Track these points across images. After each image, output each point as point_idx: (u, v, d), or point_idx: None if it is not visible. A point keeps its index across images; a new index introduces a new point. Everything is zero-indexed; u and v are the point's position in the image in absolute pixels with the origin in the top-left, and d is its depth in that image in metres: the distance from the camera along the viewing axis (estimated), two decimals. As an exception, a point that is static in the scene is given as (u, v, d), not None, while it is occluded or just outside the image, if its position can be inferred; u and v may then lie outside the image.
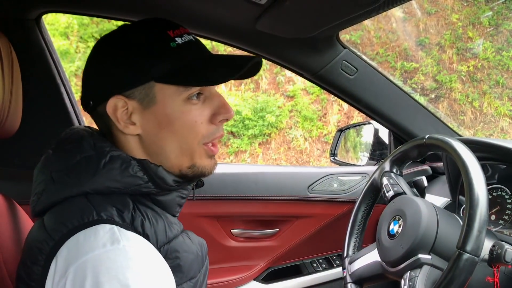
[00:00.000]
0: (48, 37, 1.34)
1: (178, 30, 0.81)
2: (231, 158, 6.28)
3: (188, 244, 0.84)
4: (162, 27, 0.81)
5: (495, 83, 6.61)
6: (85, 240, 0.68)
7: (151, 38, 0.80)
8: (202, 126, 0.81)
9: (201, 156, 0.83)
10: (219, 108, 0.83)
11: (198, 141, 0.82)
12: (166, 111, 0.79)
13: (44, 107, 1.36)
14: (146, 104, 0.79)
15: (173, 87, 0.78)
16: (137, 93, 0.79)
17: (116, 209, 0.74)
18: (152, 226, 0.77)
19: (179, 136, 0.80)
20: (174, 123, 0.79)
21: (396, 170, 1.18)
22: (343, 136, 2.01)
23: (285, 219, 1.60)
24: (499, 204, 1.18)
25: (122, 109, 0.79)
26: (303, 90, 6.74)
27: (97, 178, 0.76)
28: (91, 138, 0.81)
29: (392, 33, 7.04)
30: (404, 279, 0.93)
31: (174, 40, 0.79)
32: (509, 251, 0.87)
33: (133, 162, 0.79)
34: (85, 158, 0.77)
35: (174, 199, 0.86)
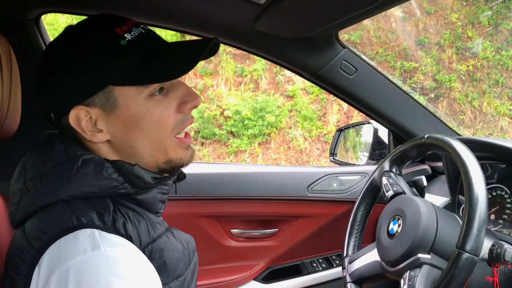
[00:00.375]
0: (47, 37, 1.34)
1: (126, 25, 0.77)
2: (231, 158, 6.28)
3: (172, 242, 0.83)
4: (108, 25, 0.76)
5: (495, 82, 6.61)
6: (66, 247, 0.66)
7: (99, 40, 0.75)
8: (170, 119, 0.79)
9: (175, 149, 0.82)
10: (185, 97, 0.81)
11: (169, 135, 0.80)
12: (131, 112, 0.76)
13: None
14: (108, 109, 0.76)
15: (133, 88, 0.75)
16: (97, 100, 0.76)
17: (97, 213, 0.73)
18: (135, 227, 0.76)
19: (149, 134, 0.78)
20: (141, 123, 0.77)
21: (395, 169, 1.18)
22: (342, 136, 2.01)
23: (285, 219, 1.60)
24: (498, 204, 1.18)
25: (85, 119, 0.76)
26: (303, 90, 6.74)
27: (72, 184, 0.74)
28: (62, 143, 0.79)
29: (392, 32, 7.04)
30: (403, 278, 0.93)
31: (124, 37, 0.75)
32: (508, 250, 0.87)
33: (106, 164, 0.76)
34: (58, 164, 0.75)
35: (155, 196, 0.84)
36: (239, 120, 6.41)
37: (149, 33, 0.80)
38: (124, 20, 0.78)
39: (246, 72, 6.81)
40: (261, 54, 1.38)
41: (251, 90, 6.76)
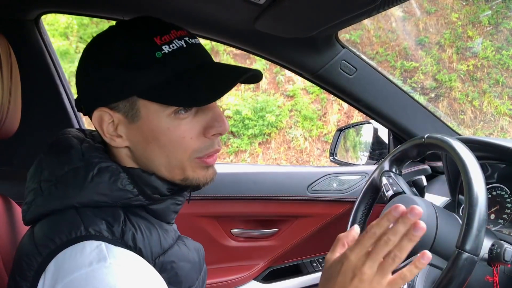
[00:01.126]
0: (47, 37, 1.34)
1: (168, 35, 0.74)
2: (231, 158, 6.28)
3: (184, 252, 0.82)
4: (149, 33, 0.73)
5: (495, 82, 6.61)
6: (72, 258, 0.65)
7: (134, 47, 0.73)
8: (192, 141, 0.76)
9: (194, 169, 0.78)
10: (212, 121, 0.76)
11: (188, 156, 0.76)
12: (151, 127, 0.74)
13: (43, 108, 1.36)
14: (131, 118, 0.75)
15: (157, 104, 0.73)
16: (122, 106, 0.74)
17: (106, 223, 0.71)
18: (145, 238, 0.74)
19: (167, 152, 0.76)
20: (160, 139, 0.75)
21: (395, 169, 1.18)
22: (342, 136, 2.01)
23: (285, 219, 1.60)
24: (498, 203, 1.18)
25: (108, 122, 0.75)
26: (303, 90, 6.74)
27: (85, 192, 0.72)
28: (80, 146, 0.78)
29: (392, 32, 7.04)
30: (403, 278, 0.93)
31: (161, 49, 0.72)
32: (508, 250, 0.87)
33: (122, 175, 0.75)
34: (73, 169, 0.74)
35: (169, 207, 0.82)
36: (239, 120, 6.41)
37: (191, 48, 0.76)
38: (168, 30, 0.75)
39: (246, 72, 6.80)
40: (261, 54, 1.38)
41: (251, 90, 6.76)
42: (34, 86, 1.31)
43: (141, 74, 0.72)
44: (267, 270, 1.62)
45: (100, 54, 0.75)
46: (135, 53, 0.72)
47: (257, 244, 1.60)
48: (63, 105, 1.37)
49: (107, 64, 0.73)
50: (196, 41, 0.78)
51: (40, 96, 1.35)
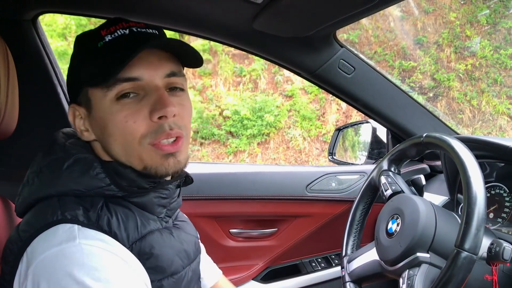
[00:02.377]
0: (44, 37, 1.33)
1: (115, 26, 0.77)
2: (230, 158, 6.28)
3: (166, 239, 0.82)
4: (99, 28, 0.78)
5: (493, 81, 6.62)
6: (45, 239, 0.68)
7: (84, 42, 0.80)
8: (135, 125, 0.75)
9: (152, 157, 0.77)
10: (155, 104, 0.76)
11: (138, 142, 0.76)
12: (100, 114, 0.77)
13: (41, 108, 1.36)
14: (88, 109, 0.79)
15: (99, 90, 0.76)
16: (82, 100, 0.80)
17: (83, 208, 0.73)
18: (121, 223, 0.75)
19: (117, 138, 0.77)
20: (108, 126, 0.76)
21: (394, 168, 1.18)
22: (341, 135, 2.01)
23: (284, 219, 1.60)
24: (497, 202, 1.18)
25: (77, 117, 0.81)
26: (302, 90, 6.75)
27: (61, 180, 0.75)
28: (65, 141, 0.82)
29: (390, 32, 7.05)
30: (402, 277, 0.93)
31: (103, 39, 0.76)
32: (507, 249, 0.87)
33: (95, 164, 0.77)
34: (53, 160, 0.78)
35: (152, 200, 0.82)
36: (238, 120, 6.41)
37: (135, 35, 0.77)
38: (117, 22, 0.78)
39: (245, 72, 6.81)
40: (259, 53, 1.38)
41: (250, 90, 6.76)
42: (31, 86, 1.31)
43: (86, 64, 0.78)
44: (266, 270, 1.61)
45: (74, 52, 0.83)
46: (84, 46, 0.80)
47: (256, 244, 1.60)
48: (60, 105, 1.37)
49: (72, 63, 0.82)
50: (149, 31, 0.79)
51: (37, 96, 1.34)
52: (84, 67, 0.78)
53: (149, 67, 0.76)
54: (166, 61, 0.79)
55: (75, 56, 0.82)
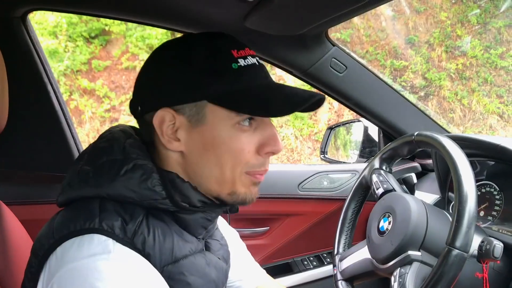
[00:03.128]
0: (34, 35, 1.32)
1: (243, 50, 0.77)
2: (222, 157, 6.27)
3: (199, 266, 0.79)
4: (227, 45, 0.77)
5: (484, 80, 6.67)
6: (78, 247, 0.67)
7: (213, 55, 0.75)
8: (248, 155, 0.77)
9: (244, 184, 0.79)
10: (268, 139, 0.78)
11: (241, 169, 0.77)
12: (214, 133, 0.75)
13: (31, 107, 1.34)
14: (194, 122, 0.75)
15: (225, 111, 0.74)
16: (188, 110, 0.75)
17: (122, 220, 0.71)
18: (156, 243, 0.73)
19: (222, 161, 0.76)
20: (220, 147, 0.75)
21: (385, 167, 1.18)
22: (333, 134, 2.01)
23: (276, 217, 1.60)
24: (487, 200, 1.19)
25: (169, 123, 0.76)
26: (294, 89, 6.74)
27: (115, 184, 0.73)
28: (124, 141, 0.79)
29: (382, 31, 7.07)
30: (394, 276, 0.94)
31: (237, 62, 0.75)
32: (497, 246, 0.87)
33: (154, 175, 0.75)
34: (111, 161, 0.75)
35: (198, 220, 0.80)
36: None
37: (261, 68, 0.79)
38: (243, 46, 0.78)
39: (237, 71, 6.79)
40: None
41: (242, 89, 6.75)
42: (21, 85, 1.29)
43: (217, 80, 0.74)
44: (258, 268, 1.61)
45: (178, 56, 0.76)
46: (213, 60, 0.75)
47: (248, 242, 1.58)
48: (51, 104, 1.35)
49: (184, 66, 0.75)
50: (262, 62, 0.81)
51: (27, 95, 1.33)
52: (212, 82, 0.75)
53: None
54: None
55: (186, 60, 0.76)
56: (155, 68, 0.78)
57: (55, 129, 1.37)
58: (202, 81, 0.74)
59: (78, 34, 6.45)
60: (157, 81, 0.77)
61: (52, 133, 1.37)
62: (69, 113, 1.42)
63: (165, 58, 0.78)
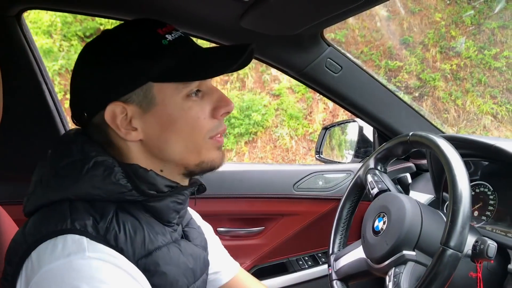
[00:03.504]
0: (29, 34, 1.31)
1: (166, 27, 0.79)
2: (217, 157, 6.25)
3: (173, 256, 0.80)
4: (149, 26, 0.78)
5: (478, 81, 6.70)
6: (53, 249, 0.67)
7: (141, 38, 0.77)
8: (205, 121, 0.80)
9: (209, 150, 0.82)
10: (218, 102, 0.81)
11: (203, 137, 0.80)
12: (168, 111, 0.77)
13: (26, 106, 1.34)
14: (145, 106, 0.76)
15: (172, 86, 0.76)
16: (135, 97, 0.76)
17: (93, 219, 0.72)
18: (128, 238, 0.73)
19: (183, 136, 0.78)
20: (176, 122, 0.77)
21: (380, 167, 1.19)
22: (328, 134, 2.01)
23: (271, 217, 1.60)
24: (481, 200, 1.20)
25: (121, 116, 0.76)
26: (289, 89, 6.75)
27: (80, 184, 0.74)
28: (81, 141, 0.79)
29: (377, 31, 7.09)
30: (389, 275, 0.94)
31: (165, 37, 0.77)
32: (491, 246, 0.88)
33: (116, 169, 0.76)
34: (71, 162, 0.76)
35: (168, 205, 0.81)
36: (225, 119, 6.38)
37: (187, 38, 0.82)
38: (164, 24, 0.80)
39: (232, 71, 6.79)
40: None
41: (237, 89, 6.75)
42: (16, 84, 1.29)
43: (153, 61, 0.76)
44: (253, 268, 1.61)
45: (107, 50, 0.77)
46: (143, 43, 0.77)
47: (243, 242, 1.59)
48: (46, 103, 1.35)
49: (118, 57, 0.76)
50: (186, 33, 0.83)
51: (22, 94, 1.32)
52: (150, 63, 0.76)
53: None
54: None
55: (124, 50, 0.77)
56: (90, 69, 0.78)
57: (49, 129, 1.36)
58: (140, 65, 0.75)
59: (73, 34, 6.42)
60: (95, 80, 0.77)
61: (47, 133, 1.36)
62: (63, 113, 1.41)
63: (96, 57, 0.78)
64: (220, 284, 1.09)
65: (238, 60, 0.77)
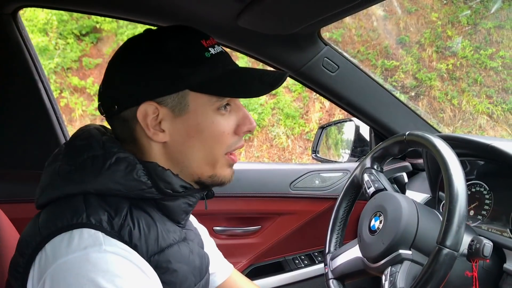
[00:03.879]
0: (25, 32, 1.31)
1: (210, 40, 0.82)
2: (213, 156, 6.25)
3: (184, 254, 0.82)
4: (195, 36, 0.81)
5: (474, 81, 6.72)
6: (69, 242, 0.68)
7: (186, 46, 0.79)
8: (228, 136, 0.82)
9: (223, 166, 0.84)
10: (243, 120, 0.84)
11: (222, 151, 0.83)
12: (198, 120, 0.79)
13: (21, 104, 1.33)
14: (177, 112, 0.79)
15: (206, 97, 0.79)
16: (170, 101, 0.78)
17: (108, 214, 0.73)
18: (142, 235, 0.75)
19: (206, 146, 0.81)
20: (203, 132, 0.80)
21: (377, 166, 1.19)
22: (324, 133, 2.02)
23: (268, 216, 1.60)
24: (477, 200, 1.20)
25: (152, 115, 0.78)
26: (285, 88, 6.76)
27: (101, 179, 0.75)
28: (101, 137, 0.80)
29: (373, 31, 7.10)
30: (385, 274, 0.94)
31: (208, 50, 0.80)
32: (487, 245, 0.88)
33: (138, 166, 0.77)
34: (92, 157, 0.77)
35: (180, 206, 0.84)
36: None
37: (226, 54, 0.85)
38: (208, 37, 0.83)
39: (229, 70, 6.78)
40: (244, 50, 1.37)
41: (233, 88, 6.74)
42: (11, 82, 1.28)
43: (195, 69, 0.78)
44: (249, 267, 1.61)
45: (151, 51, 0.78)
46: (187, 51, 0.79)
47: (240, 241, 1.59)
48: (42, 101, 1.34)
49: (160, 61, 0.77)
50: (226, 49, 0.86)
51: (18, 92, 1.32)
52: (192, 71, 0.78)
53: None
54: None
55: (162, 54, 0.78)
56: (130, 65, 0.79)
57: (45, 127, 1.36)
58: (181, 72, 0.78)
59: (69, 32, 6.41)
60: (135, 78, 0.78)
61: (43, 131, 1.36)
62: (59, 111, 1.41)
63: (138, 55, 0.80)
64: (214, 285, 1.10)
65: (273, 87, 0.82)
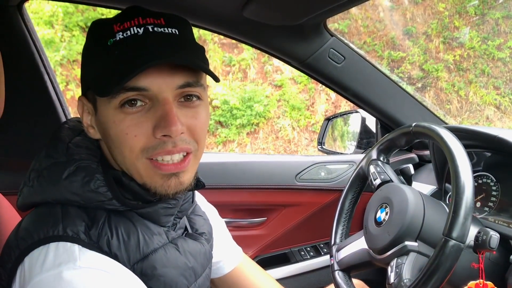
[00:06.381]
0: (31, 24, 1.31)
1: (129, 22, 0.68)
2: (219, 148, 6.27)
3: (171, 257, 0.76)
4: (113, 20, 0.69)
5: (481, 72, 6.67)
6: (44, 257, 0.65)
7: (95, 34, 0.72)
8: (136, 139, 0.69)
9: (149, 174, 0.71)
10: (159, 120, 0.68)
11: (136, 156, 0.70)
12: (102, 119, 0.71)
13: (28, 96, 1.34)
14: (95, 108, 0.73)
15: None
16: (90, 96, 0.74)
17: (85, 225, 0.69)
18: (121, 243, 0.70)
19: (117, 149, 0.71)
20: (109, 133, 0.70)
21: (383, 158, 1.18)
22: (330, 125, 2.01)
23: (273, 208, 1.60)
24: (484, 191, 1.19)
25: (85, 111, 0.75)
26: (291, 80, 6.73)
27: (58, 188, 0.71)
28: (70, 140, 0.76)
29: (380, 22, 7.05)
30: (391, 266, 0.94)
31: (114, 36, 0.68)
32: (494, 237, 0.88)
33: (97, 176, 0.71)
34: (54, 164, 0.73)
35: (159, 211, 0.77)
36: (227, 110, 6.38)
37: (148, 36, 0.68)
38: (134, 16, 0.69)
39: (234, 62, 6.77)
40: (249, 42, 1.37)
41: (239, 80, 6.73)
42: (18, 74, 1.29)
43: (93, 63, 0.72)
44: (255, 259, 1.62)
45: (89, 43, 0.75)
46: (95, 40, 0.72)
47: (246, 233, 1.60)
48: (48, 93, 1.35)
49: (83, 54, 0.75)
50: (166, 31, 0.70)
51: (24, 84, 1.32)
52: (90, 66, 0.72)
53: (159, 77, 0.68)
54: (180, 70, 0.69)
55: (86, 48, 0.74)
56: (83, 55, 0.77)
57: (52, 119, 1.36)
58: (86, 67, 0.74)
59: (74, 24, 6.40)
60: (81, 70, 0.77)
61: (49, 123, 1.36)
62: (65, 103, 1.41)
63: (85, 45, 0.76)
64: (222, 273, 1.07)
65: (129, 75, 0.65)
